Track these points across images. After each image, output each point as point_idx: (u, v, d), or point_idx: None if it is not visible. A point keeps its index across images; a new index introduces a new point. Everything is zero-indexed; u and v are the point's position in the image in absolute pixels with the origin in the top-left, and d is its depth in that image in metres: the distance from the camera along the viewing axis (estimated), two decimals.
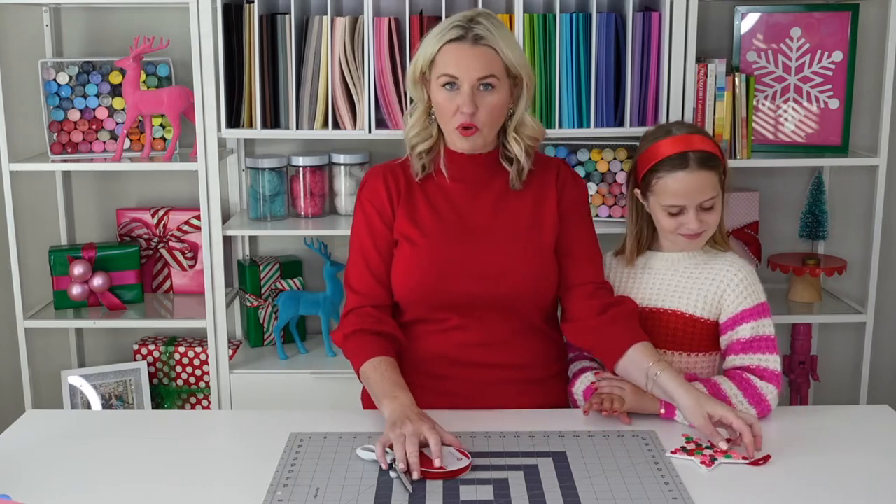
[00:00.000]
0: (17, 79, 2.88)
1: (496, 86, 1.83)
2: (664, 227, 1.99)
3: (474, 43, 1.82)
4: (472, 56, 1.82)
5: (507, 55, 1.83)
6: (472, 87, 1.82)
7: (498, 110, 1.86)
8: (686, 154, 1.94)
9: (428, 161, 1.95)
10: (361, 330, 1.89)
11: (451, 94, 1.83)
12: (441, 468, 1.57)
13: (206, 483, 1.60)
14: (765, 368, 1.86)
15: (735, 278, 1.93)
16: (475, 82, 1.82)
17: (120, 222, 3.01)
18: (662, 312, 1.96)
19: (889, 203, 2.88)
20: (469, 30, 1.83)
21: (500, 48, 1.83)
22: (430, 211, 1.94)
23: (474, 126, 1.84)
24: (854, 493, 1.56)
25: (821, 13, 2.79)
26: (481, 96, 1.83)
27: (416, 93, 1.92)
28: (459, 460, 1.61)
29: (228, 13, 2.63)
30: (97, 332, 3.09)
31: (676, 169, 1.94)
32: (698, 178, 1.93)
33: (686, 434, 1.76)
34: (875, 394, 2.93)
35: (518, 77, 1.87)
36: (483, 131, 1.86)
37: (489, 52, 1.82)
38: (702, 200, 1.94)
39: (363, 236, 1.95)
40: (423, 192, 1.95)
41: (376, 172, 2.00)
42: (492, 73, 1.82)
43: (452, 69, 1.82)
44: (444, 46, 1.84)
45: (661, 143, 1.98)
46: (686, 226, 1.95)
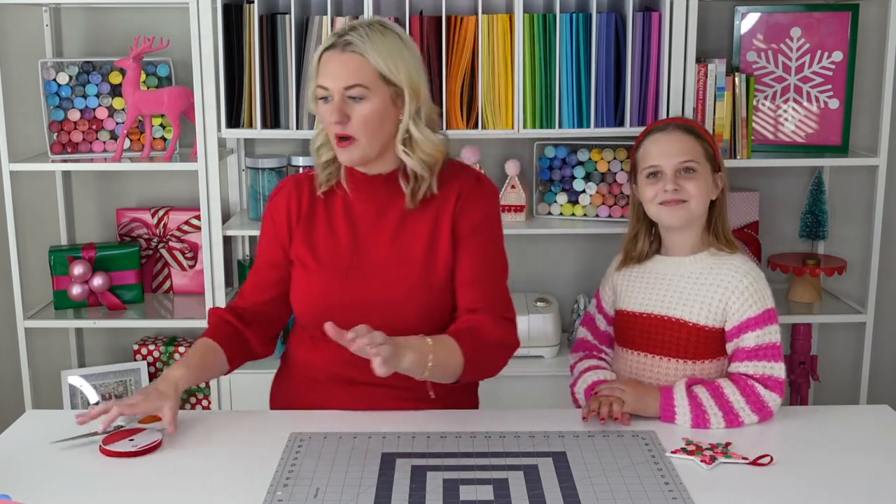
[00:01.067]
0: (17, 79, 2.88)
1: (366, 95, 1.74)
2: (646, 199, 1.98)
3: (343, 50, 1.75)
4: (339, 63, 1.75)
5: (377, 62, 1.74)
6: (341, 97, 1.74)
7: (371, 121, 1.75)
8: (668, 123, 2.02)
9: (334, 171, 1.87)
10: (222, 316, 1.92)
11: (326, 107, 1.77)
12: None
13: (206, 483, 1.60)
14: (769, 377, 1.85)
15: (740, 285, 1.92)
16: (342, 91, 1.74)
17: (120, 222, 3.01)
18: (667, 321, 1.95)
19: (889, 203, 2.88)
20: (342, 37, 1.76)
21: (369, 55, 1.73)
22: (328, 234, 1.87)
23: (349, 136, 1.76)
24: (854, 493, 1.55)
25: (821, 13, 2.79)
26: (351, 106, 1.75)
27: (313, 108, 1.84)
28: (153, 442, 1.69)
29: (228, 13, 2.63)
30: (97, 332, 3.09)
31: (655, 132, 2.00)
32: (676, 139, 1.96)
33: (686, 437, 1.76)
34: (875, 394, 2.93)
35: (399, 87, 1.77)
36: (360, 142, 1.77)
37: (357, 58, 1.74)
38: (679, 161, 1.94)
39: (260, 251, 1.96)
40: (325, 208, 1.89)
41: (283, 188, 1.94)
42: (358, 83, 1.73)
43: (324, 79, 1.76)
44: (321, 57, 1.78)
45: (650, 125, 2.07)
46: (662, 189, 1.94)
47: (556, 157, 2.86)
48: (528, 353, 2.78)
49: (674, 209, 1.95)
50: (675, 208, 1.95)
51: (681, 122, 2.03)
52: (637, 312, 1.99)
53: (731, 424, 1.80)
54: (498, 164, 2.94)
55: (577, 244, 3.02)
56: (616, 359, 2.05)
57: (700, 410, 1.80)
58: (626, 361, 2.01)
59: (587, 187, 2.84)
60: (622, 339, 2.02)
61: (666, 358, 1.95)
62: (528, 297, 2.90)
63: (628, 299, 2.02)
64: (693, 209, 1.95)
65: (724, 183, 2.00)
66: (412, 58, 1.81)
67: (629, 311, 2.01)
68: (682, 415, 1.81)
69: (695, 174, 1.94)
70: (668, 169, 1.95)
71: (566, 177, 2.86)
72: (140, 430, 1.75)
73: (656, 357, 1.96)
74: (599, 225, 2.82)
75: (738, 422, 1.81)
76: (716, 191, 1.99)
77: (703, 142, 1.97)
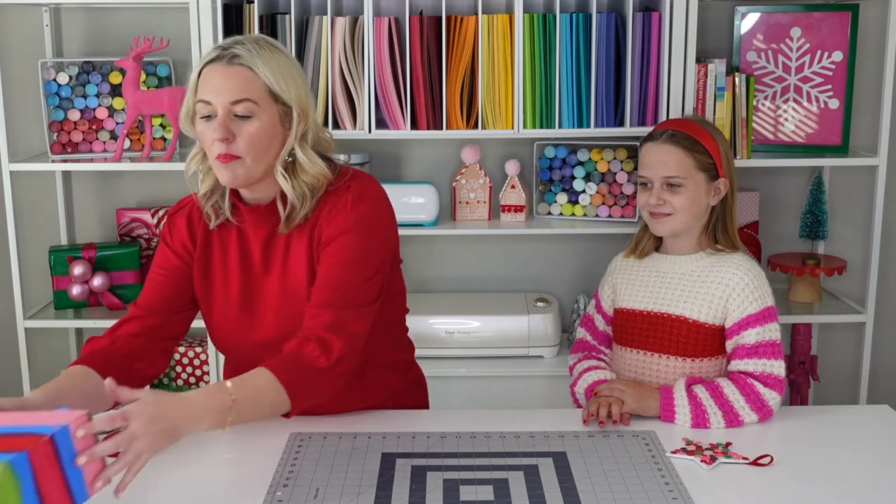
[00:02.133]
0: (17, 79, 2.88)
1: (254, 112, 1.62)
2: (640, 206, 2.01)
3: (229, 63, 1.62)
4: (225, 77, 1.62)
5: (266, 77, 1.62)
6: (226, 112, 1.61)
7: (259, 140, 1.63)
8: (665, 130, 1.99)
9: (218, 202, 1.75)
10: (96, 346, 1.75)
11: (209, 124, 1.63)
12: None
13: (207, 483, 1.60)
14: (769, 374, 1.85)
15: (741, 282, 1.92)
16: (228, 106, 1.61)
17: (120, 222, 3.01)
18: (667, 318, 1.96)
19: (889, 203, 2.88)
20: (227, 50, 1.63)
21: (258, 69, 1.62)
22: (221, 271, 1.79)
23: (233, 155, 1.62)
24: (854, 493, 1.56)
25: (821, 13, 2.79)
26: (238, 124, 1.62)
27: (189, 130, 1.69)
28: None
29: (228, 13, 2.63)
30: (97, 332, 3.06)
31: (650, 141, 2.00)
32: (663, 151, 1.96)
33: (686, 437, 1.76)
34: (875, 394, 2.93)
35: (288, 105, 1.66)
36: (245, 161, 1.63)
37: (245, 72, 1.62)
38: (664, 175, 1.95)
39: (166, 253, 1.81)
40: (220, 241, 1.79)
41: (181, 209, 1.82)
42: (246, 97, 1.61)
43: (206, 93, 1.62)
44: (202, 70, 1.64)
45: (659, 124, 2.07)
46: (649, 201, 1.96)
47: (556, 157, 2.86)
48: (528, 353, 2.78)
49: (659, 220, 1.97)
50: (659, 220, 1.97)
51: (682, 127, 1.99)
52: (637, 310, 2.00)
53: (731, 424, 1.80)
54: (498, 164, 2.94)
55: (577, 244, 3.02)
56: (615, 358, 2.05)
57: (700, 410, 1.80)
58: (625, 360, 2.01)
59: (587, 187, 2.84)
60: (621, 338, 2.02)
61: (665, 356, 1.95)
62: (528, 297, 2.91)
63: (628, 297, 2.02)
64: (678, 222, 1.96)
65: (726, 189, 2.00)
66: (300, 77, 1.70)
67: (629, 309, 2.01)
68: (682, 414, 1.81)
69: (680, 188, 1.94)
70: (655, 181, 1.96)
71: (566, 177, 2.87)
72: None
73: (655, 355, 1.96)
74: (599, 225, 2.82)
75: (738, 421, 1.81)
76: (716, 197, 1.99)
77: (696, 153, 1.95)
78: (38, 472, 1.26)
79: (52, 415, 1.36)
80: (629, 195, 2.81)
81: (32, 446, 1.24)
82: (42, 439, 1.26)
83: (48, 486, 1.27)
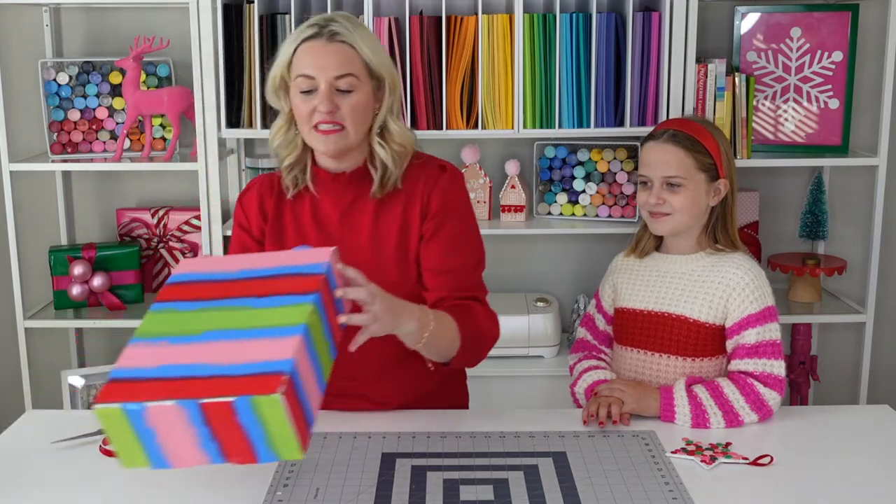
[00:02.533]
0: (17, 79, 2.88)
1: (355, 86, 1.72)
2: (640, 204, 2.02)
3: (329, 40, 1.71)
4: (328, 53, 1.71)
5: (366, 53, 1.73)
6: (330, 86, 1.70)
7: (361, 111, 1.74)
8: (667, 129, 1.99)
9: (298, 174, 1.83)
10: None
11: (308, 97, 1.72)
12: None
13: (207, 483, 1.60)
14: (769, 374, 1.85)
15: (742, 281, 1.92)
16: (332, 80, 1.70)
17: (120, 222, 3.01)
18: (667, 317, 1.96)
19: (889, 203, 2.88)
20: (324, 27, 1.72)
21: (357, 45, 1.72)
22: (297, 239, 1.83)
23: (336, 123, 1.72)
24: (854, 493, 1.55)
25: (821, 13, 2.79)
26: (340, 98, 1.71)
27: (276, 101, 1.80)
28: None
29: (228, 13, 2.63)
30: (97, 332, 3.09)
31: (650, 140, 2.00)
32: (664, 151, 1.96)
33: (686, 437, 1.76)
34: (875, 394, 2.93)
35: (381, 79, 1.76)
36: (348, 130, 1.73)
37: (346, 48, 1.72)
38: (664, 174, 1.95)
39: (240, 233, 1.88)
40: (293, 212, 1.85)
41: (252, 187, 1.90)
42: (349, 72, 1.71)
43: (308, 68, 1.71)
44: (299, 46, 1.73)
45: (660, 124, 2.07)
46: (648, 200, 1.96)
47: (556, 157, 2.86)
48: (528, 353, 2.78)
49: (658, 220, 1.97)
50: (658, 219, 1.97)
51: (683, 127, 1.99)
52: (638, 309, 2.00)
53: (731, 424, 1.80)
54: (498, 164, 2.94)
55: (577, 244, 3.02)
56: (615, 357, 2.05)
57: (700, 410, 1.80)
58: (625, 359, 2.01)
59: (587, 187, 2.84)
60: (622, 337, 2.02)
61: (665, 355, 1.95)
62: (528, 297, 2.90)
63: (629, 296, 2.02)
64: (677, 221, 1.96)
65: (726, 189, 2.00)
66: (386, 52, 1.83)
67: (630, 309, 2.01)
68: (682, 414, 1.81)
69: (680, 188, 1.95)
70: (655, 180, 1.96)
71: (566, 177, 2.86)
72: None
73: (656, 354, 1.96)
74: (599, 225, 2.82)
75: (737, 421, 1.81)
76: (715, 198, 1.99)
77: (696, 153, 1.95)
78: (327, 306, 1.42)
79: (305, 254, 1.49)
80: (629, 195, 2.81)
81: (320, 285, 1.39)
82: (320, 277, 1.40)
83: (332, 317, 1.44)
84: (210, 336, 1.32)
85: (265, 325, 1.32)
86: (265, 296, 1.37)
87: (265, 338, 1.29)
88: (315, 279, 1.39)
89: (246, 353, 1.27)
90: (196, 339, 1.31)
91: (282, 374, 1.22)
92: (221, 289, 1.41)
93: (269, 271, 1.42)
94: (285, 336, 1.29)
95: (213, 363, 1.26)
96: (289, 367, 1.23)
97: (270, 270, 1.43)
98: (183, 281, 1.44)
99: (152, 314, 1.39)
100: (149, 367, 1.27)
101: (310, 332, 1.33)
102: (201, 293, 1.40)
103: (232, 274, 1.43)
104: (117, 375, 1.27)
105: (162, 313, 1.38)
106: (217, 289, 1.41)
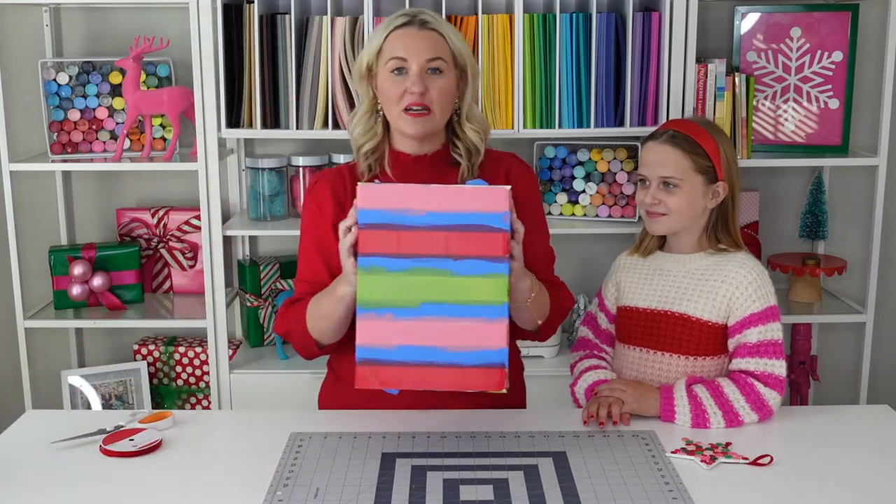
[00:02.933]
0: (17, 79, 2.88)
1: (444, 70, 1.82)
2: (638, 202, 2.03)
3: (421, 27, 1.83)
4: (420, 38, 1.82)
5: (453, 42, 1.84)
6: (421, 69, 1.80)
7: (447, 95, 1.84)
8: (667, 130, 2.00)
9: (374, 161, 1.91)
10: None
11: (399, 79, 1.81)
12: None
13: (207, 483, 1.60)
14: (769, 374, 1.85)
15: (745, 280, 1.92)
16: (424, 63, 1.80)
17: (120, 222, 3.01)
18: (670, 315, 1.96)
19: (889, 203, 2.88)
20: (415, 17, 1.84)
21: (446, 34, 1.84)
22: None
23: (425, 106, 1.81)
24: (854, 493, 1.56)
25: (821, 13, 2.79)
26: (430, 80, 1.81)
27: (362, 89, 1.90)
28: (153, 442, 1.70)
29: (228, 13, 2.63)
30: (97, 332, 3.09)
31: (651, 139, 2.01)
32: (662, 152, 1.97)
33: (686, 437, 1.76)
34: (875, 394, 2.93)
35: (464, 68, 1.87)
36: (434, 114, 1.83)
37: (436, 36, 1.83)
38: (661, 174, 1.96)
39: (315, 233, 1.91)
40: None
41: (324, 177, 1.96)
42: (439, 56, 1.82)
43: (401, 52, 1.81)
44: (390, 34, 1.84)
45: (663, 124, 2.09)
46: (644, 199, 1.97)
47: (556, 157, 2.86)
48: (528, 353, 2.77)
49: (654, 219, 1.99)
50: (654, 219, 1.98)
51: (684, 129, 1.99)
52: (641, 308, 2.00)
53: (731, 424, 1.81)
54: None
55: (578, 244, 3.02)
56: (617, 356, 2.05)
57: (700, 410, 1.81)
58: (627, 358, 2.01)
59: (587, 187, 2.84)
60: (624, 336, 2.03)
61: (668, 354, 1.95)
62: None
63: (632, 295, 2.02)
64: (673, 222, 1.97)
65: (725, 192, 1.99)
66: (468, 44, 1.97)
67: (633, 307, 2.01)
68: (682, 414, 1.81)
69: (676, 189, 1.95)
70: (652, 180, 1.97)
71: (566, 177, 2.86)
72: (140, 430, 1.75)
73: (658, 353, 1.96)
74: (599, 225, 2.82)
75: (737, 421, 1.81)
76: (713, 200, 1.98)
77: (695, 155, 1.95)
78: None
79: (482, 193, 1.55)
80: (629, 195, 2.81)
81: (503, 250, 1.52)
82: (505, 237, 1.53)
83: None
84: (427, 311, 1.52)
85: (471, 300, 1.51)
86: (461, 257, 1.51)
87: (476, 319, 1.50)
88: (501, 238, 1.51)
89: (465, 338, 1.50)
90: (417, 315, 1.52)
91: (503, 367, 1.50)
92: (417, 240, 1.53)
93: (455, 217, 1.52)
94: (492, 319, 1.50)
95: (442, 347, 1.50)
96: (504, 357, 1.49)
97: (456, 217, 1.52)
98: (375, 223, 1.55)
99: (364, 274, 1.54)
100: (389, 348, 1.52)
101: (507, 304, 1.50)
102: (401, 245, 1.53)
103: (421, 218, 1.54)
104: (366, 356, 1.53)
105: (373, 273, 1.54)
106: (413, 240, 1.53)
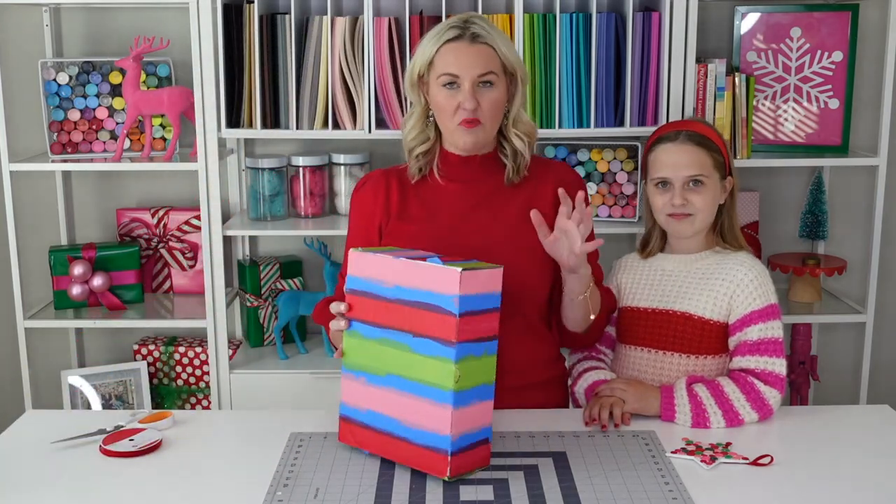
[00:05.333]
0: (17, 79, 2.88)
1: (495, 82, 1.86)
2: (656, 209, 2.00)
3: (472, 41, 1.85)
4: (471, 54, 1.85)
5: (504, 53, 1.87)
6: (473, 84, 1.84)
7: (498, 106, 1.88)
8: (679, 131, 1.99)
9: (424, 163, 1.95)
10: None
11: (451, 93, 1.86)
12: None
13: (206, 483, 1.60)
14: (770, 372, 1.86)
15: (745, 278, 1.92)
16: (475, 79, 1.84)
17: (120, 222, 3.01)
18: (671, 314, 1.96)
19: (889, 203, 2.88)
20: (466, 29, 1.86)
21: (497, 46, 1.86)
22: (426, 212, 1.94)
23: (477, 120, 1.86)
24: (854, 493, 1.56)
25: (821, 13, 2.79)
26: (481, 93, 1.85)
27: (413, 96, 1.94)
28: (152, 442, 1.72)
29: (228, 13, 2.63)
30: (97, 332, 3.09)
31: (666, 142, 2.00)
32: (685, 151, 1.96)
33: (686, 437, 1.76)
34: (875, 394, 2.93)
35: (514, 74, 1.90)
36: (486, 126, 1.87)
37: (487, 49, 1.85)
38: (687, 174, 1.95)
39: (358, 232, 1.97)
40: (417, 196, 1.95)
41: (368, 181, 2.00)
42: (491, 70, 1.85)
43: (453, 68, 1.85)
44: (442, 47, 1.86)
45: (663, 127, 2.07)
46: (670, 202, 1.96)
47: (556, 157, 2.86)
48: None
49: (681, 222, 1.97)
50: (682, 221, 1.97)
51: (693, 128, 2.00)
52: (642, 308, 2.00)
53: (731, 423, 1.81)
54: None
55: None
56: (619, 357, 2.05)
57: (700, 409, 1.81)
58: (628, 358, 2.01)
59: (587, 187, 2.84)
60: (626, 336, 2.03)
61: (669, 353, 1.95)
62: None
63: (633, 296, 2.02)
64: (700, 221, 1.97)
65: (733, 186, 2.01)
66: (514, 46, 2.03)
67: (634, 308, 2.01)
68: (683, 414, 1.81)
69: (702, 187, 1.95)
70: (677, 182, 1.96)
71: None
72: (140, 431, 1.75)
73: (659, 352, 1.96)
74: (600, 225, 2.82)
75: (738, 420, 1.81)
76: (724, 195, 2.00)
77: (712, 151, 1.97)
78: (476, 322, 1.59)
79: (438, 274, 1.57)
80: (629, 195, 2.81)
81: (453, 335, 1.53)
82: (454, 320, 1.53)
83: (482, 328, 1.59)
84: (391, 382, 1.61)
85: (423, 380, 1.56)
86: (418, 334, 1.57)
87: (426, 399, 1.56)
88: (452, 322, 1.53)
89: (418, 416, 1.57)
90: (383, 384, 1.62)
91: (445, 454, 1.54)
92: (387, 312, 1.61)
93: (416, 294, 1.57)
94: (438, 403, 1.55)
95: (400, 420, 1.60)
96: (448, 444, 1.54)
97: (417, 293, 1.57)
98: (358, 290, 1.66)
99: (348, 337, 1.67)
100: (362, 410, 1.66)
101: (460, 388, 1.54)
102: (376, 314, 1.63)
103: (390, 290, 1.61)
104: (345, 413, 1.69)
105: (353, 337, 1.66)
106: (384, 311, 1.61)
